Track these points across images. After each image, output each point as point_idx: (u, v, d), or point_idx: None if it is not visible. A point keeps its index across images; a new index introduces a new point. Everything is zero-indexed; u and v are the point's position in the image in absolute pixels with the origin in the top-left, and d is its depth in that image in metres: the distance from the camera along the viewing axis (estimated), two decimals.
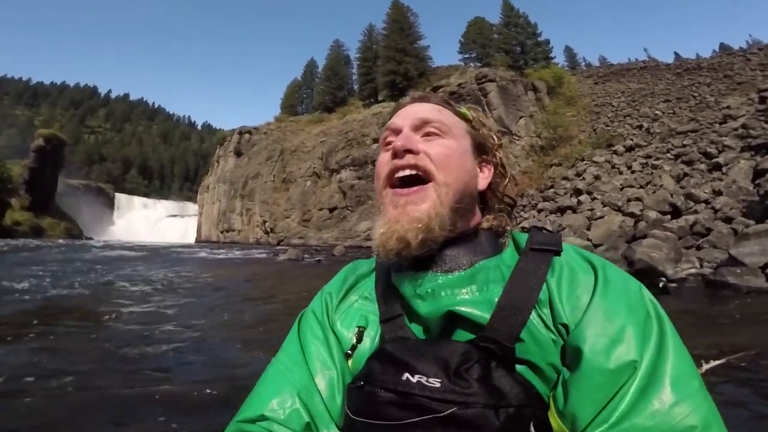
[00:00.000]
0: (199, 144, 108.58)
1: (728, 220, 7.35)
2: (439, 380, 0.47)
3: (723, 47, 39.35)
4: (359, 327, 0.61)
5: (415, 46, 33.84)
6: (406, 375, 0.48)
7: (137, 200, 66.34)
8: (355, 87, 41.41)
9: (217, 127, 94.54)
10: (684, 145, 13.13)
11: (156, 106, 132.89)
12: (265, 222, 28.86)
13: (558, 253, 0.56)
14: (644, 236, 6.92)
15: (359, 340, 0.60)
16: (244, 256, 16.01)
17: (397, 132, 0.63)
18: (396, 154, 0.59)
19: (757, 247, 5.35)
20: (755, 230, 6.18)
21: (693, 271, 5.74)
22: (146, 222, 54.85)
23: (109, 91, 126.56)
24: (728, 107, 14.94)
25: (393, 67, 32.11)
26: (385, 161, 0.62)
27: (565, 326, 0.49)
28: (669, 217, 8.75)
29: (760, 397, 1.91)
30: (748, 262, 5.05)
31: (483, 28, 32.50)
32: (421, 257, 0.57)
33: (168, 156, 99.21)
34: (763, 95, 13.57)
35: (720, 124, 13.73)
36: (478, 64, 29.94)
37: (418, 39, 34.56)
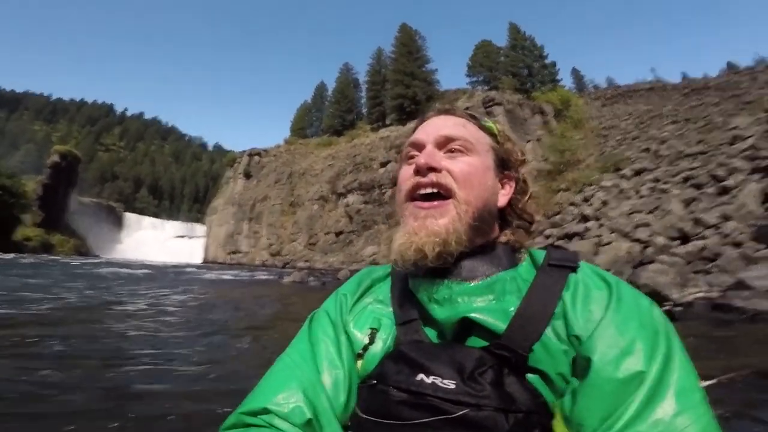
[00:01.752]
0: (209, 165, 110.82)
1: (737, 244, 7.21)
2: (454, 382, 0.48)
3: (730, 66, 39.16)
4: (372, 328, 0.63)
5: (423, 70, 34.53)
6: (421, 376, 0.50)
7: (146, 220, 66.92)
8: (364, 110, 42.11)
9: (228, 149, 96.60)
10: (692, 168, 12.99)
11: (169, 125, 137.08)
12: (271, 245, 29.01)
13: (575, 269, 0.58)
14: (651, 261, 6.84)
15: (371, 341, 0.61)
16: (249, 277, 16.04)
17: (420, 147, 0.64)
18: (419, 171, 0.61)
19: (766, 270, 5.25)
20: (765, 254, 6.09)
21: (700, 294, 5.61)
22: (154, 242, 55.24)
23: (125, 109, 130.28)
24: (736, 127, 14.75)
25: (401, 91, 32.72)
26: (407, 176, 0.64)
27: (578, 338, 0.51)
28: (677, 242, 8.61)
29: (754, 419, 1.84)
30: (757, 285, 4.94)
31: (490, 52, 33.15)
32: (438, 267, 0.60)
33: (179, 176, 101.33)
34: None
35: (729, 145, 13.55)
36: (486, 88, 30.42)
37: (426, 63, 35.32)
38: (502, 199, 0.66)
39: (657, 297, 5.41)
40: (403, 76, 33.29)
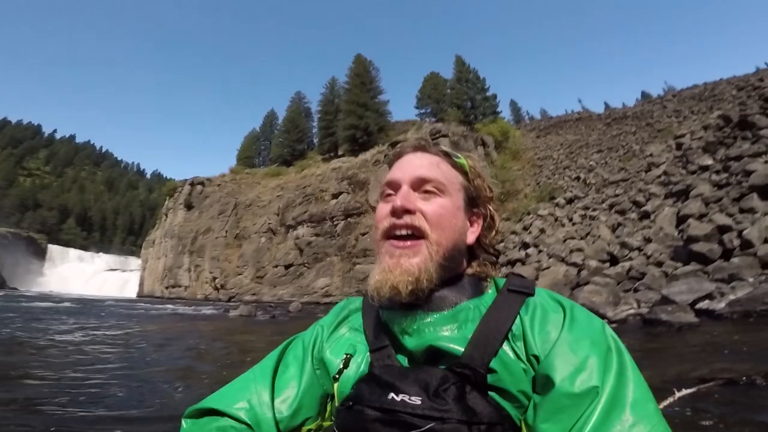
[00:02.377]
0: (146, 194, 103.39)
1: (659, 264, 7.97)
2: (420, 398, 0.52)
3: (644, 95, 42.71)
4: (347, 354, 0.67)
5: (375, 101, 34.99)
6: (391, 394, 0.54)
7: (73, 252, 60.61)
8: (315, 140, 41.91)
9: (168, 177, 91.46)
10: (616, 195, 14.22)
11: (104, 150, 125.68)
12: (215, 278, 27.45)
13: (531, 294, 0.63)
14: (587, 283, 7.36)
15: (346, 365, 0.66)
16: (192, 311, 15.01)
17: (396, 187, 0.68)
18: (395, 213, 0.65)
19: (684, 286, 5.85)
20: (683, 271, 6.79)
21: (632, 311, 6.09)
22: (81, 275, 50.04)
23: (54, 131, 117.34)
24: (651, 155, 16.26)
25: (354, 122, 32.93)
26: (384, 214, 0.68)
27: (536, 357, 0.56)
28: (608, 264, 9.34)
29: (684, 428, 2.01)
30: (678, 300, 5.47)
31: (438, 83, 34.70)
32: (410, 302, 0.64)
33: (111, 206, 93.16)
34: (678, 141, 14.97)
35: (645, 172, 14.89)
36: (433, 119, 31.73)
37: (378, 93, 35.82)
38: (471, 236, 0.70)
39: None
40: (357, 106, 33.53)
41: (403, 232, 0.65)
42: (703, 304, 5.35)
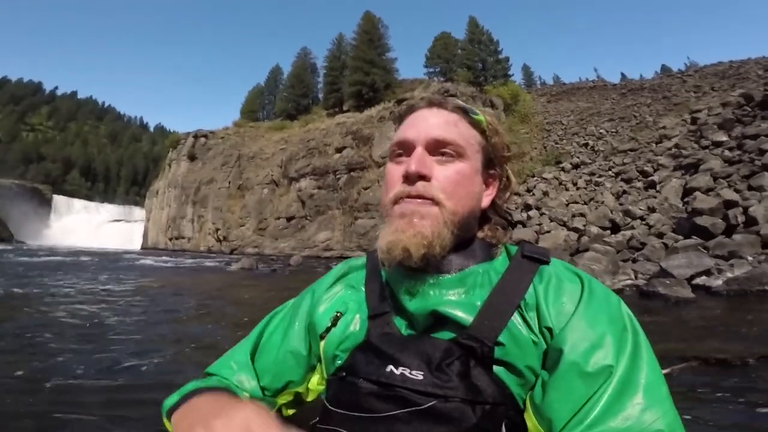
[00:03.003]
0: (150, 146, 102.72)
1: (660, 235, 7.94)
2: (422, 373, 0.49)
3: (664, 69, 42.26)
4: (337, 312, 0.64)
5: (383, 58, 34.05)
6: (390, 367, 0.51)
7: (77, 203, 60.82)
8: (320, 96, 41.13)
9: (171, 130, 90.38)
10: (624, 164, 14.06)
11: (106, 105, 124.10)
12: (218, 230, 27.75)
13: (546, 262, 0.60)
14: (586, 250, 7.34)
15: (334, 324, 0.63)
16: (193, 264, 15.29)
17: (410, 148, 0.62)
18: (408, 178, 0.60)
19: (684, 260, 5.83)
20: (683, 245, 6.75)
21: (629, 282, 6.12)
22: (87, 226, 50.29)
23: (56, 88, 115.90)
24: (664, 127, 16.09)
25: (360, 78, 32.12)
26: (395, 178, 0.62)
27: (550, 330, 0.52)
28: (609, 232, 9.32)
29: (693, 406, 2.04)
30: (676, 273, 5.48)
31: (449, 44, 33.49)
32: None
33: (115, 158, 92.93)
34: (694, 116, 14.77)
35: (656, 143, 14.77)
36: (442, 79, 30.79)
37: (386, 51, 34.81)
38: (486, 200, 0.67)
39: None
40: (363, 63, 32.59)
41: (417, 200, 0.60)
42: (701, 280, 5.36)
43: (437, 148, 0.62)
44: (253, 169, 28.76)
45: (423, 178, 0.59)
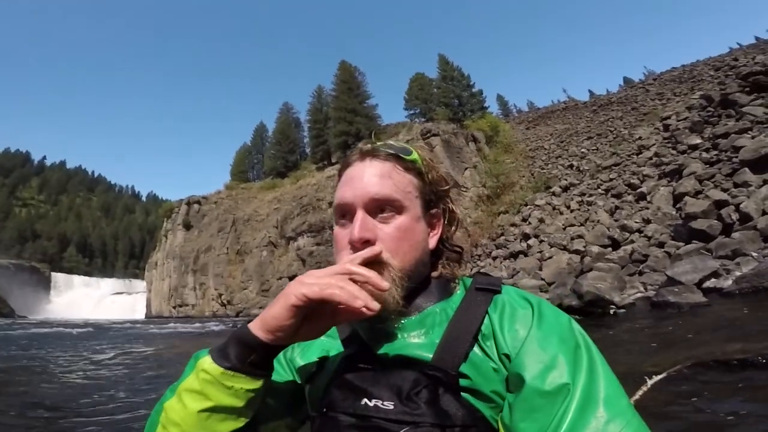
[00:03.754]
0: (144, 217, 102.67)
1: (661, 244, 8.03)
2: (393, 403, 0.52)
3: (626, 80, 42.39)
4: (319, 358, 0.68)
5: (364, 106, 34.86)
6: (365, 400, 0.54)
7: (77, 279, 60.40)
8: (307, 150, 41.78)
9: (164, 198, 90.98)
10: (611, 179, 14.33)
11: (96, 175, 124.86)
12: (221, 295, 27.38)
13: (498, 292, 0.63)
14: (590, 270, 7.37)
15: (319, 370, 0.66)
16: (200, 329, 14.96)
17: (351, 212, 0.64)
18: (353, 245, 0.61)
19: (689, 266, 5.87)
20: (685, 250, 6.82)
21: (639, 295, 6.12)
22: (89, 300, 49.85)
23: (44, 157, 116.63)
24: (640, 138, 16.47)
25: (344, 128, 32.80)
26: (343, 244, 0.64)
27: (507, 356, 0.55)
28: (610, 249, 9.39)
29: (695, 407, 2.04)
30: (684, 280, 5.50)
31: (424, 84, 34.51)
32: None
33: (110, 231, 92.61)
34: (665, 123, 15.26)
35: (637, 155, 15.10)
36: (422, 119, 31.68)
37: (366, 98, 35.63)
38: (432, 241, 0.68)
39: (601, 302, 5.82)
40: (345, 112, 33.41)
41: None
42: (710, 283, 5.39)
43: (376, 207, 0.63)
44: (250, 233, 28.83)
45: (367, 242, 0.61)
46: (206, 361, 0.55)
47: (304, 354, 0.70)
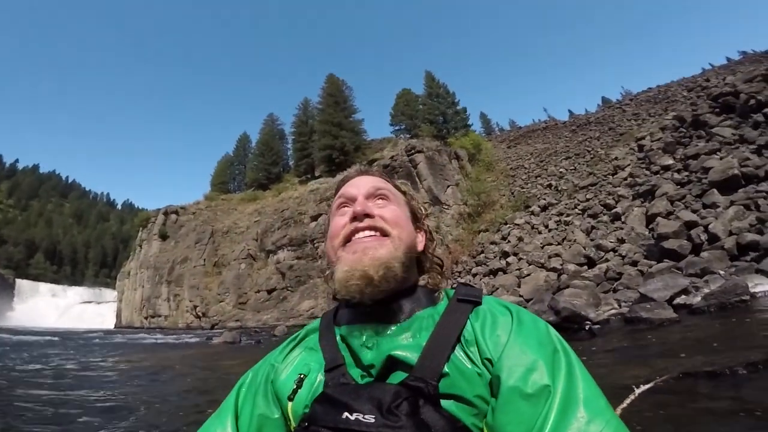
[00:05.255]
0: (118, 225, 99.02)
1: (634, 263, 8.25)
2: (374, 416, 0.53)
3: (604, 101, 43.24)
4: (301, 374, 0.67)
5: (350, 120, 34.79)
6: (345, 414, 0.54)
7: (43, 286, 57.46)
8: (291, 162, 41.26)
9: (140, 206, 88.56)
10: (587, 199, 14.67)
11: (70, 180, 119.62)
12: (195, 307, 26.54)
13: (479, 303, 0.66)
14: (567, 287, 7.52)
15: (299, 386, 0.66)
16: (173, 340, 14.46)
17: (352, 199, 0.73)
18: (356, 218, 0.69)
19: (660, 283, 6.06)
20: (657, 269, 7.05)
21: (613, 311, 6.25)
22: (54, 309, 47.55)
23: (16, 160, 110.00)
24: (616, 158, 16.81)
25: (329, 142, 32.60)
26: (341, 224, 0.71)
27: (490, 360, 0.58)
28: (586, 267, 9.60)
29: (665, 419, 2.08)
30: (656, 297, 5.67)
31: (410, 100, 34.94)
32: (372, 309, 0.67)
33: (82, 239, 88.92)
34: (640, 144, 15.59)
35: (612, 175, 15.47)
36: (408, 136, 31.96)
37: (353, 113, 35.61)
38: (420, 245, 0.76)
39: (577, 318, 5.91)
40: (331, 126, 33.20)
41: (367, 233, 0.68)
42: (680, 299, 5.56)
43: (374, 194, 0.74)
44: (228, 245, 28.23)
45: (369, 216, 0.69)
46: None
47: (286, 373, 0.70)
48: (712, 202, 8.48)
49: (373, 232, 0.68)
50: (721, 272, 6.01)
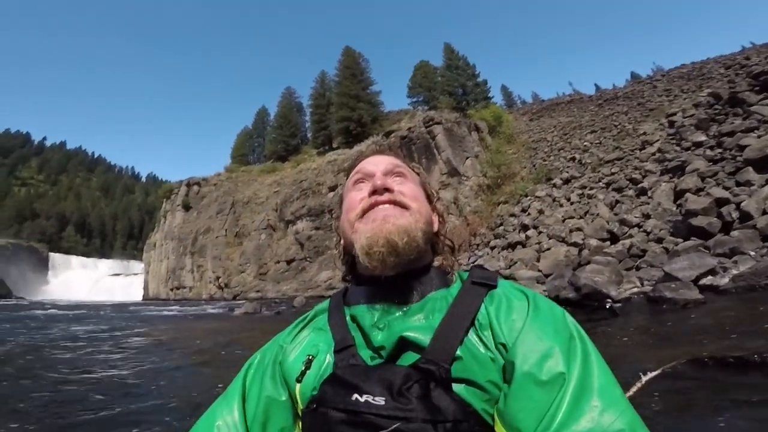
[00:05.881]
0: (143, 197, 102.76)
1: (659, 240, 8.01)
2: (384, 398, 0.52)
3: (633, 76, 42.48)
4: (309, 356, 0.66)
5: (367, 92, 34.55)
6: (355, 395, 0.54)
7: (75, 260, 60.50)
8: (309, 135, 41.47)
9: (164, 179, 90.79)
10: (612, 173, 14.25)
11: (96, 156, 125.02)
12: (218, 278, 27.46)
13: (494, 286, 0.65)
14: (588, 263, 7.37)
15: (308, 367, 0.65)
16: (197, 312, 15.07)
17: (370, 175, 0.73)
18: (375, 191, 0.68)
19: (686, 262, 5.87)
20: (683, 247, 6.81)
21: (635, 290, 6.12)
22: (86, 281, 49.75)
23: (44, 138, 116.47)
24: (644, 133, 16.35)
25: (347, 114, 32.55)
26: (358, 198, 0.70)
27: (504, 345, 0.57)
28: (608, 243, 9.38)
29: (689, 404, 2.04)
30: (681, 276, 5.51)
31: (428, 72, 34.22)
32: (384, 289, 0.65)
33: (109, 212, 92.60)
34: (671, 120, 15.11)
35: (640, 150, 15.00)
36: (426, 108, 31.38)
37: (370, 85, 35.36)
38: (435, 224, 0.74)
39: (598, 295, 5.83)
40: (348, 98, 33.10)
41: (387, 206, 0.67)
42: (707, 280, 5.39)
43: (392, 171, 0.73)
44: (249, 215, 28.78)
45: (388, 190, 0.68)
46: None
47: (294, 354, 0.69)
48: (746, 180, 8.08)
49: (392, 206, 0.67)
50: (752, 253, 5.77)
